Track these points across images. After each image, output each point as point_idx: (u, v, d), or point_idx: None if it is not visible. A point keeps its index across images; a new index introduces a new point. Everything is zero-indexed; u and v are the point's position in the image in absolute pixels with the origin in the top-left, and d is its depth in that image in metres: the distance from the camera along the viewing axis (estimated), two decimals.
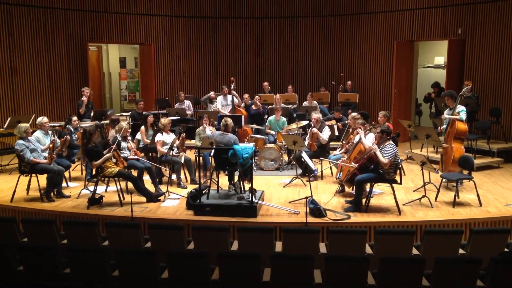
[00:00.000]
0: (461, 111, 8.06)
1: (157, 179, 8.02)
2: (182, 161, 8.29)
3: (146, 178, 7.93)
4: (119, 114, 11.28)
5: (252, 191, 6.85)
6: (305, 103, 11.47)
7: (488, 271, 4.61)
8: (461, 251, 5.43)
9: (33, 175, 7.64)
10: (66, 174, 8.27)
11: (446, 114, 8.23)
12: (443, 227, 6.52)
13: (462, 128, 7.95)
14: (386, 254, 5.07)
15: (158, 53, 13.51)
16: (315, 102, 11.39)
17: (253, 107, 11.09)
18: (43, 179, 7.66)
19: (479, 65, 11.00)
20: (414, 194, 7.66)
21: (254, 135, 9.89)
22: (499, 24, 10.59)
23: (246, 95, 11.82)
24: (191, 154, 9.46)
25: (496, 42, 10.67)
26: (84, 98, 10.36)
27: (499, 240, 5.44)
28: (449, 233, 5.68)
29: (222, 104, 11.41)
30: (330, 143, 9.13)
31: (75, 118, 9.05)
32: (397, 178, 7.01)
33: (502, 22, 10.54)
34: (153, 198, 7.44)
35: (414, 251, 5.42)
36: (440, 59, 13.58)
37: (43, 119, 8.16)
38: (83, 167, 8.85)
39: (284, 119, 10.44)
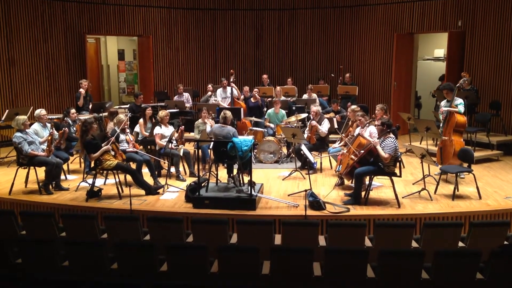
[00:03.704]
0: (459, 103, 8.03)
1: (156, 172, 8.00)
2: (181, 154, 8.26)
3: (145, 171, 7.90)
4: (117, 107, 11.24)
5: (251, 184, 6.83)
6: (305, 96, 11.43)
7: (488, 264, 4.61)
8: (460, 244, 5.43)
9: (32, 167, 7.61)
10: (65, 166, 8.24)
11: (444, 107, 8.19)
12: (443, 220, 6.52)
13: (461, 120, 7.93)
14: (385, 247, 5.07)
15: (156, 45, 13.44)
16: (314, 95, 11.35)
17: (252, 99, 11.05)
18: (41, 172, 7.64)
19: (479, 58, 10.97)
20: (414, 187, 7.65)
21: (253, 128, 9.86)
22: (499, 17, 10.54)
23: (245, 88, 11.78)
24: (190, 147, 9.43)
25: (496, 34, 10.62)
26: (82, 90, 10.30)
27: (498, 233, 5.44)
28: (448, 226, 5.67)
29: (221, 96, 11.36)
30: (329, 136, 9.11)
31: (73, 110, 9.01)
32: (397, 171, 6.99)
33: (502, 15, 10.49)
34: (152, 191, 7.42)
35: (414, 244, 5.42)
36: (440, 52, 13.55)
37: (41, 112, 8.12)
38: (82, 160, 8.82)
39: (283, 111, 10.40)
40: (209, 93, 11.81)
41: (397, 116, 11.17)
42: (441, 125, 8.27)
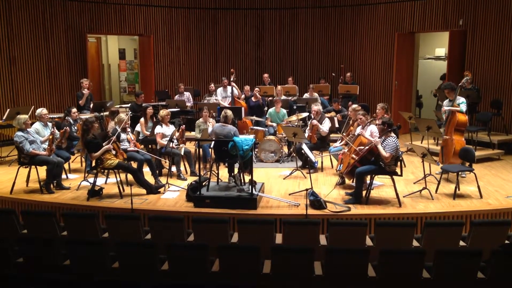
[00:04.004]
0: (461, 102, 8.04)
1: (157, 171, 7.99)
2: (182, 153, 8.27)
3: (146, 170, 7.91)
4: (118, 106, 11.25)
5: (252, 183, 6.83)
6: (306, 95, 11.42)
7: (489, 263, 4.61)
8: (461, 243, 5.42)
9: (33, 166, 7.62)
10: (66, 165, 8.24)
11: (445, 106, 8.20)
12: (444, 219, 6.52)
13: (462, 119, 7.93)
14: (386, 246, 5.07)
15: (157, 44, 13.44)
16: (316, 94, 11.34)
17: (253, 99, 11.04)
18: (42, 171, 7.64)
19: (480, 57, 10.95)
20: (415, 186, 7.65)
21: (254, 127, 9.86)
22: (500, 16, 10.53)
23: (246, 87, 11.77)
24: (191, 146, 9.43)
25: (497, 33, 10.61)
26: (86, 91, 10.32)
27: (499, 232, 5.43)
28: (449, 225, 5.67)
29: (222, 96, 11.35)
30: (330, 135, 9.11)
31: (74, 109, 9.00)
32: (398, 170, 6.99)
33: (503, 14, 10.48)
34: (153, 190, 7.42)
35: (415, 243, 5.42)
36: (441, 51, 13.53)
37: (42, 111, 8.13)
38: (83, 159, 8.83)
39: (284, 111, 10.39)
40: (207, 98, 11.79)
41: (398, 115, 11.17)
42: (443, 124, 8.26)
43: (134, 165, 7.75)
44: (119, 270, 4.84)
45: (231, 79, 10.95)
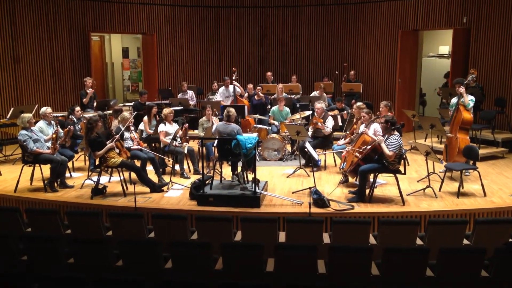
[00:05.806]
0: (470, 100, 8.00)
1: (160, 170, 8.01)
2: (185, 152, 8.28)
3: (149, 168, 7.92)
4: (122, 105, 11.26)
5: (256, 181, 6.83)
6: (315, 93, 11.35)
7: (493, 261, 4.60)
8: (465, 241, 5.41)
9: (37, 165, 7.64)
10: (70, 164, 8.28)
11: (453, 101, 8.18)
12: (447, 217, 6.50)
13: (467, 117, 7.91)
14: (390, 244, 5.06)
15: (161, 43, 13.45)
16: (325, 94, 11.24)
17: (256, 97, 11.04)
18: (46, 169, 7.67)
19: (484, 55, 10.92)
20: (418, 185, 7.63)
21: (257, 125, 9.86)
22: (504, 13, 10.49)
23: (250, 85, 11.76)
24: (194, 145, 9.44)
25: (501, 31, 10.57)
26: (91, 90, 10.34)
27: (503, 230, 5.41)
28: (453, 224, 5.66)
29: (224, 96, 11.32)
30: (334, 133, 9.09)
31: (78, 108, 9.02)
32: (401, 168, 6.98)
33: (507, 11, 10.43)
34: (156, 188, 7.43)
35: (418, 242, 5.41)
36: (445, 49, 13.50)
37: (46, 109, 8.15)
38: (87, 158, 8.85)
39: (287, 109, 10.38)
40: (210, 96, 11.78)
41: (402, 113, 11.14)
42: (448, 121, 8.25)
43: (138, 163, 7.77)
44: (123, 268, 4.85)
45: (233, 77, 10.95)
